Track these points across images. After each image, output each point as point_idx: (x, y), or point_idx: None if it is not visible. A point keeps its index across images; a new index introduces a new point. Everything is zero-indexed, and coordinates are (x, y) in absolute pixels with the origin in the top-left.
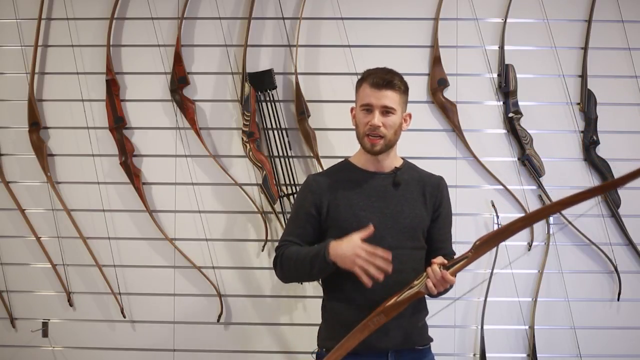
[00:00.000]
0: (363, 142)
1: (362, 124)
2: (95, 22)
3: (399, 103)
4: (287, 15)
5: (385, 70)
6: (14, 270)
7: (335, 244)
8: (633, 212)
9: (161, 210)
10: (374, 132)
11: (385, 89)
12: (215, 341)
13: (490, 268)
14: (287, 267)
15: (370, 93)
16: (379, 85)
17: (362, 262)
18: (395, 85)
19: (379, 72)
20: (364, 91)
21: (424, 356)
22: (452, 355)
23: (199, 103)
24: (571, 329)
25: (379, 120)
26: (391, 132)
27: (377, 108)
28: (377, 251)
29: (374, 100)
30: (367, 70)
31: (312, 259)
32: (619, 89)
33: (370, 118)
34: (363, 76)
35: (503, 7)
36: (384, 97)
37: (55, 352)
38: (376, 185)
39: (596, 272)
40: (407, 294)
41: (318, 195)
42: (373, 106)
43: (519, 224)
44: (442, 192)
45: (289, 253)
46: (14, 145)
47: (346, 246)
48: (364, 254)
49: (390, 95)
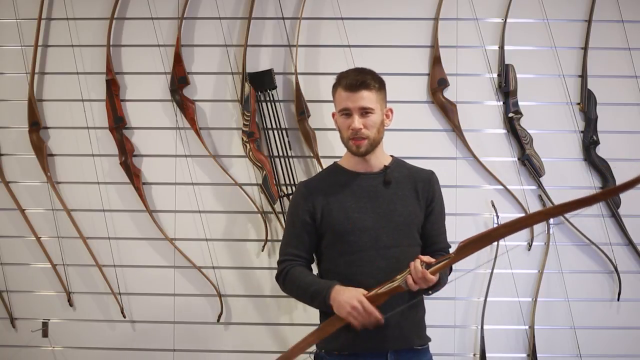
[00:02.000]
0: (348, 145)
1: (344, 129)
2: (95, 22)
3: (376, 101)
4: (287, 15)
5: (357, 71)
6: (14, 270)
7: (337, 292)
8: (633, 212)
9: (161, 210)
10: (357, 135)
11: (359, 89)
12: (215, 341)
13: (490, 268)
14: (290, 289)
15: (346, 97)
16: (352, 87)
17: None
18: (369, 84)
19: (351, 73)
20: (340, 95)
21: (423, 356)
22: (452, 355)
23: (199, 103)
24: (571, 329)
25: (359, 123)
26: (374, 131)
27: (355, 111)
28: (373, 313)
29: (351, 103)
30: (339, 74)
31: (314, 294)
32: (619, 89)
33: (351, 122)
34: (336, 80)
35: (503, 7)
36: (359, 99)
37: (55, 352)
38: (367, 185)
39: (596, 272)
40: (388, 287)
41: (310, 202)
42: (351, 109)
43: (502, 230)
44: (433, 186)
45: (292, 276)
46: (14, 145)
47: (347, 297)
48: (360, 311)
49: (366, 96)
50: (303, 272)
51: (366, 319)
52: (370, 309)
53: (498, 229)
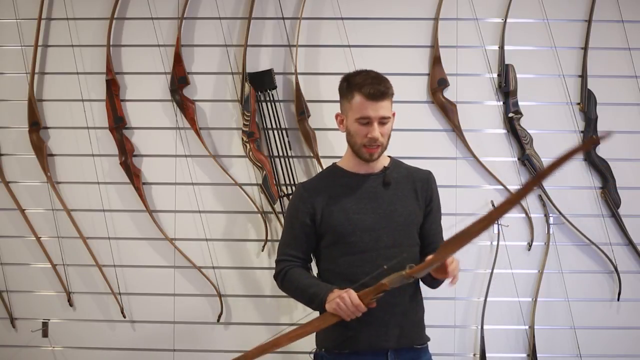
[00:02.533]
0: (360, 152)
1: (360, 136)
2: (95, 22)
3: (391, 109)
4: (287, 15)
5: (378, 79)
6: (14, 270)
7: (334, 294)
8: (633, 212)
9: (161, 210)
10: (374, 143)
11: (381, 99)
12: (215, 341)
13: (490, 268)
14: (288, 289)
15: (368, 105)
16: (375, 97)
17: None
18: (389, 93)
19: (373, 82)
20: (361, 103)
21: (422, 355)
22: (452, 355)
23: (199, 103)
24: (571, 329)
25: (378, 132)
26: (387, 139)
27: (376, 120)
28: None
29: (372, 112)
30: (354, 77)
31: (312, 296)
32: (619, 89)
33: (369, 130)
34: (352, 84)
35: (503, 7)
36: (381, 109)
37: (55, 352)
38: (367, 186)
39: (596, 272)
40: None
41: (310, 203)
42: (372, 118)
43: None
44: (431, 186)
45: (291, 277)
46: (14, 145)
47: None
48: (347, 300)
49: (386, 105)
50: (302, 273)
51: (350, 306)
52: (357, 301)
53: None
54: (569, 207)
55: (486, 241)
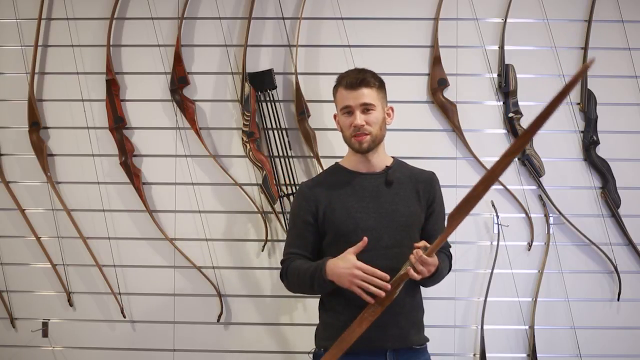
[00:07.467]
0: (351, 143)
1: (346, 127)
2: (95, 22)
3: (377, 98)
4: (287, 15)
5: (357, 70)
6: (14, 270)
7: (332, 264)
8: (633, 212)
9: (161, 210)
10: (359, 131)
11: (359, 87)
12: (215, 341)
13: (490, 268)
14: (292, 282)
15: (347, 95)
16: (353, 85)
17: (359, 283)
18: (369, 82)
19: (351, 73)
20: (341, 95)
21: (421, 355)
22: (452, 355)
23: (199, 103)
24: (571, 329)
25: (361, 119)
26: (376, 128)
27: (357, 108)
28: (376, 272)
29: (352, 101)
30: (339, 75)
31: (312, 276)
32: (619, 89)
33: (352, 119)
34: (337, 81)
35: (503, 7)
36: (360, 96)
37: (55, 352)
38: (369, 185)
39: (596, 272)
40: (396, 277)
41: (313, 202)
42: (352, 107)
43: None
44: (434, 187)
45: (292, 268)
46: (14, 145)
47: (342, 266)
48: (361, 275)
49: (367, 93)
50: (301, 263)
51: (371, 280)
52: (372, 271)
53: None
54: (569, 207)
55: (486, 241)
